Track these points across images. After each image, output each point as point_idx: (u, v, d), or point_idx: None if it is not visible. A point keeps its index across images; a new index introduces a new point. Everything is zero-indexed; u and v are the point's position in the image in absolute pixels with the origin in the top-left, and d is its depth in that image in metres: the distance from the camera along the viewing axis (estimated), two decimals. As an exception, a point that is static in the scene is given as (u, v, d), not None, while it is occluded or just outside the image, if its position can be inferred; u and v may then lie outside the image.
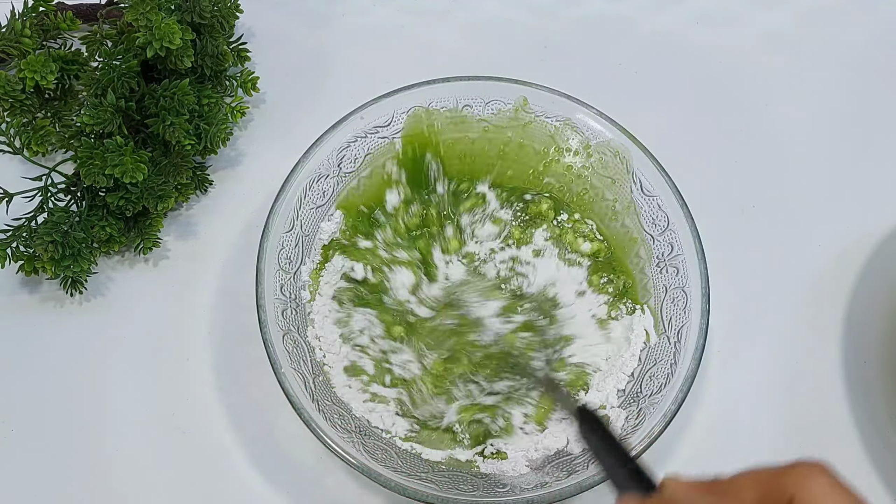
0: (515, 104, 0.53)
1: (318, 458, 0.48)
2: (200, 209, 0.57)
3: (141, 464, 0.48)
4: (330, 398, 0.46)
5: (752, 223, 0.58)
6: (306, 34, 0.65)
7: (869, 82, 0.64)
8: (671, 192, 0.50)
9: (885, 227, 0.57)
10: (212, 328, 0.52)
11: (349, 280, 0.51)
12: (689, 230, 0.49)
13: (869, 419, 0.51)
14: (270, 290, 0.46)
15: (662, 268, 0.50)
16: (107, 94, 0.50)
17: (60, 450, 0.48)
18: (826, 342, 0.53)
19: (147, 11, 0.49)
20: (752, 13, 0.68)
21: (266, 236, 0.47)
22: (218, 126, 0.54)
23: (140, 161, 0.49)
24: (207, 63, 0.55)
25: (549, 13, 0.67)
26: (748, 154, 0.61)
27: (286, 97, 0.61)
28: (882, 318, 0.54)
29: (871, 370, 0.52)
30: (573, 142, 0.54)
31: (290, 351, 0.46)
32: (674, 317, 0.48)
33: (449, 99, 0.53)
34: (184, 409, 0.50)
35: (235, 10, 0.58)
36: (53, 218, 0.50)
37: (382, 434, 0.46)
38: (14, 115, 0.50)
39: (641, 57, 0.65)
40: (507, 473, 0.45)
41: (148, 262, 0.54)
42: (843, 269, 0.56)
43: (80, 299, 0.53)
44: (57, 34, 0.54)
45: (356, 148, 0.52)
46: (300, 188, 0.50)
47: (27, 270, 0.50)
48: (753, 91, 0.64)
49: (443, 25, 0.66)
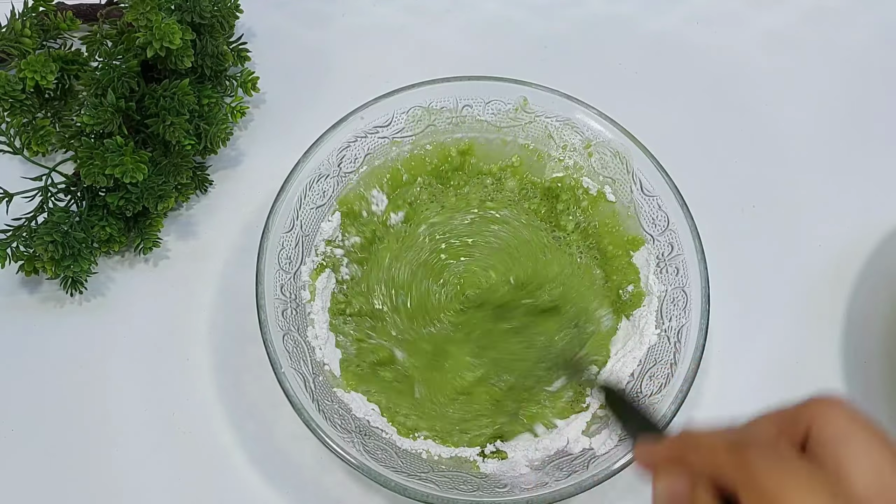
0: (515, 104, 0.53)
1: (318, 458, 0.48)
2: (200, 209, 0.57)
3: (141, 464, 0.48)
4: (330, 398, 0.46)
5: (752, 223, 0.58)
6: (306, 34, 0.65)
7: (869, 82, 0.64)
8: (671, 192, 0.50)
9: (885, 227, 0.57)
10: (212, 328, 0.52)
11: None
12: (689, 230, 0.49)
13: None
14: (270, 290, 0.46)
15: (662, 268, 0.50)
16: (107, 94, 0.50)
17: (60, 450, 0.48)
18: (826, 342, 0.53)
19: (147, 11, 0.49)
20: (752, 13, 0.68)
21: (266, 236, 0.47)
22: (218, 126, 0.54)
23: (140, 161, 0.49)
24: (207, 63, 0.55)
25: (549, 13, 0.67)
26: (748, 154, 0.61)
27: (286, 97, 0.61)
28: (882, 318, 0.54)
29: (871, 370, 0.52)
30: (573, 142, 0.54)
31: (290, 351, 0.45)
32: (674, 317, 0.48)
33: (449, 99, 0.53)
34: (184, 409, 0.50)
35: (235, 10, 0.58)
36: (53, 218, 0.50)
37: (382, 434, 0.46)
38: (14, 115, 0.50)
39: (641, 57, 0.65)
40: (507, 473, 0.45)
41: (148, 262, 0.54)
42: (843, 269, 0.56)
43: (80, 299, 0.53)
44: (57, 34, 0.54)
45: (356, 148, 0.52)
46: (300, 188, 0.50)
47: (27, 270, 0.51)
48: (753, 91, 0.64)
49: (443, 25, 0.66)
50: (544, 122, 0.54)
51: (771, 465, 0.23)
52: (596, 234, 0.53)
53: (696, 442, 0.27)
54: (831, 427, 0.25)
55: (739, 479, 0.24)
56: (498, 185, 0.55)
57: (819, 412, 0.25)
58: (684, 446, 0.27)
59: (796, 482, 0.23)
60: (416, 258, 0.53)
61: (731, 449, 0.25)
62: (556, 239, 0.54)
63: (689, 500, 0.25)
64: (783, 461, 0.23)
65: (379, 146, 0.53)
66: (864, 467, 0.24)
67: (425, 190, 0.55)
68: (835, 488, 0.23)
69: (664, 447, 0.28)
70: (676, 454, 0.27)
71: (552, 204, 0.55)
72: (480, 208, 0.55)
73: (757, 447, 0.24)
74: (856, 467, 0.24)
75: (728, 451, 0.25)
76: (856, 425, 0.25)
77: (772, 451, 0.24)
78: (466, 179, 0.55)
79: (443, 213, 0.54)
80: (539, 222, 0.54)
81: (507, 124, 0.54)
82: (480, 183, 0.55)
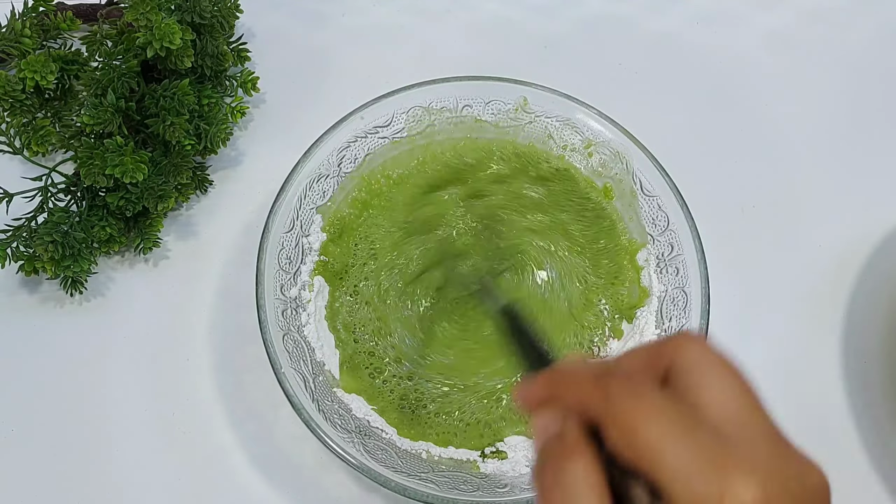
0: (515, 104, 0.53)
1: (318, 458, 0.48)
2: (200, 209, 0.57)
3: (141, 464, 0.48)
4: (330, 398, 0.46)
5: (752, 223, 0.58)
6: (306, 34, 0.65)
7: (869, 82, 0.64)
8: (671, 192, 0.50)
9: (885, 227, 0.57)
10: (212, 328, 0.52)
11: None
12: (689, 230, 0.49)
13: (869, 419, 0.51)
14: (270, 290, 0.46)
15: (662, 268, 0.50)
16: (107, 94, 0.50)
17: (60, 450, 0.48)
18: (826, 342, 0.53)
19: (147, 11, 0.49)
20: (752, 13, 0.68)
21: (266, 236, 0.47)
22: (218, 126, 0.54)
23: (140, 161, 0.49)
24: (207, 63, 0.55)
25: (549, 13, 0.67)
26: (748, 154, 0.61)
27: (286, 97, 0.61)
28: (882, 318, 0.54)
29: (871, 370, 0.52)
30: (573, 142, 0.54)
31: (290, 351, 0.45)
32: (674, 317, 0.48)
33: (449, 99, 0.53)
34: (184, 409, 0.50)
35: (235, 10, 0.58)
36: (53, 218, 0.50)
37: (382, 434, 0.46)
38: (14, 115, 0.50)
39: (641, 57, 0.65)
40: (507, 473, 0.45)
41: (148, 262, 0.54)
42: (843, 269, 0.56)
43: (80, 299, 0.53)
44: (57, 34, 0.54)
45: (356, 148, 0.52)
46: (300, 188, 0.50)
47: (27, 270, 0.50)
48: (753, 91, 0.64)
49: (443, 25, 0.66)
50: (544, 122, 0.54)
51: (628, 394, 0.24)
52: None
53: (566, 377, 0.27)
54: (687, 358, 0.26)
55: (600, 410, 0.25)
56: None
57: (679, 345, 0.26)
58: (556, 381, 0.28)
59: (650, 410, 0.24)
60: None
61: (595, 382, 0.26)
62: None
63: (559, 435, 0.26)
64: (639, 391, 0.24)
65: (379, 146, 0.53)
66: (715, 396, 0.25)
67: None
68: (687, 416, 0.24)
69: (538, 384, 0.29)
70: (550, 390, 0.28)
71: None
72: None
73: (617, 378, 0.25)
74: (708, 396, 0.25)
75: (593, 383, 0.26)
76: (709, 357, 0.26)
77: (630, 381, 0.25)
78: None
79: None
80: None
81: (507, 124, 0.54)
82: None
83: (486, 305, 0.42)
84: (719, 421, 0.24)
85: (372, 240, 0.53)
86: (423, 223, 0.53)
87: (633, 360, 0.28)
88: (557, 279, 0.52)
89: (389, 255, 0.52)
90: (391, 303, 0.51)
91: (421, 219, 0.53)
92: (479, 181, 0.54)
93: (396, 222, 0.53)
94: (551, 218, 0.54)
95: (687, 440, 0.23)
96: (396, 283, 0.52)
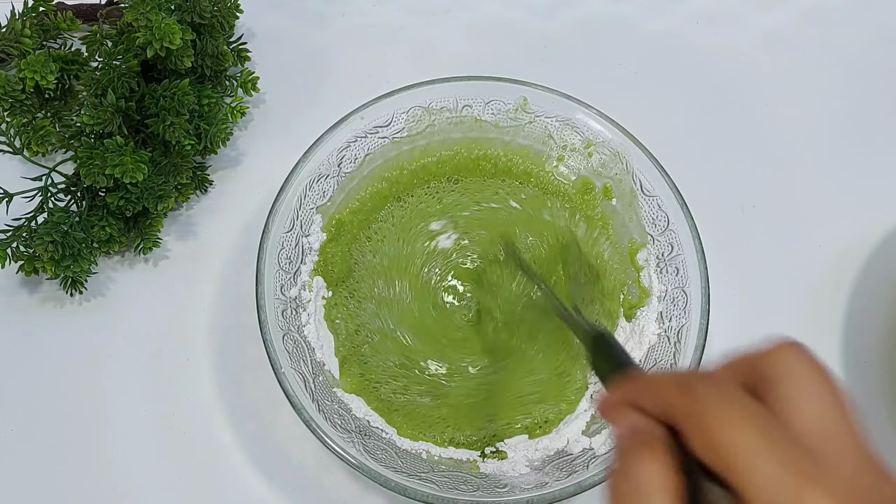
0: (515, 104, 0.53)
1: (318, 458, 0.48)
2: (200, 209, 0.57)
3: (141, 464, 0.48)
4: (330, 398, 0.46)
5: (752, 223, 0.58)
6: (306, 34, 0.65)
7: (869, 82, 0.64)
8: (671, 192, 0.50)
9: (885, 227, 0.57)
10: (212, 328, 0.52)
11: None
12: (689, 230, 0.49)
13: (869, 419, 0.51)
14: (270, 290, 0.46)
15: (662, 268, 0.50)
16: (107, 94, 0.50)
17: (60, 450, 0.48)
18: (826, 342, 0.53)
19: (147, 11, 0.49)
20: (752, 13, 0.68)
21: (266, 236, 0.47)
22: (218, 126, 0.54)
23: (140, 161, 0.49)
24: (207, 63, 0.55)
25: (549, 13, 0.67)
26: (748, 154, 0.61)
27: (286, 97, 0.61)
28: (882, 318, 0.54)
29: (871, 370, 0.52)
30: (573, 142, 0.54)
31: (290, 351, 0.46)
32: (674, 317, 0.48)
33: (449, 99, 0.53)
34: (184, 409, 0.50)
35: (235, 10, 0.58)
36: (53, 218, 0.50)
37: (382, 434, 0.46)
38: (14, 115, 0.50)
39: (641, 57, 0.65)
40: (507, 473, 0.45)
41: (148, 262, 0.54)
42: (843, 269, 0.56)
43: (80, 299, 0.53)
44: (57, 34, 0.54)
45: (356, 148, 0.52)
46: (300, 188, 0.50)
47: (27, 270, 0.51)
48: (753, 91, 0.64)
49: (443, 25, 0.66)
50: (544, 122, 0.54)
51: (715, 396, 0.24)
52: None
53: (651, 382, 0.27)
54: (780, 366, 0.25)
55: (684, 411, 0.24)
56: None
57: (779, 352, 0.25)
58: (641, 387, 0.27)
59: (734, 414, 0.23)
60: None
61: (680, 386, 0.25)
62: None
63: (640, 439, 0.25)
64: (724, 395, 0.24)
65: (379, 146, 0.53)
66: (806, 407, 0.24)
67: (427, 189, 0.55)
68: (772, 424, 0.23)
69: (623, 389, 0.28)
70: (634, 396, 0.28)
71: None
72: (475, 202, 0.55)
73: (704, 381, 0.25)
74: (798, 407, 0.24)
75: (678, 388, 0.25)
76: (803, 366, 0.25)
77: (715, 385, 0.24)
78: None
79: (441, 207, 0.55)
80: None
81: (507, 124, 0.54)
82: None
83: (575, 330, 0.43)
84: (808, 433, 0.24)
85: (373, 240, 0.53)
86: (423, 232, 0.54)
87: (723, 366, 0.27)
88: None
89: (390, 255, 0.52)
90: (391, 303, 0.51)
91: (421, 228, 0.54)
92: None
93: (397, 223, 0.53)
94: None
95: (771, 447, 0.22)
96: (397, 283, 0.52)
